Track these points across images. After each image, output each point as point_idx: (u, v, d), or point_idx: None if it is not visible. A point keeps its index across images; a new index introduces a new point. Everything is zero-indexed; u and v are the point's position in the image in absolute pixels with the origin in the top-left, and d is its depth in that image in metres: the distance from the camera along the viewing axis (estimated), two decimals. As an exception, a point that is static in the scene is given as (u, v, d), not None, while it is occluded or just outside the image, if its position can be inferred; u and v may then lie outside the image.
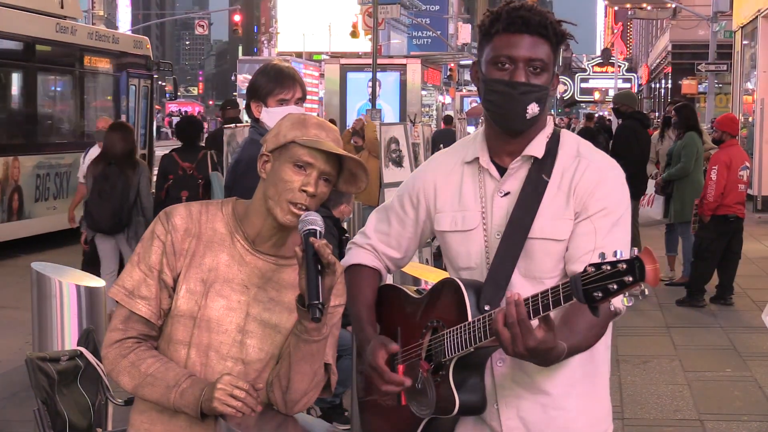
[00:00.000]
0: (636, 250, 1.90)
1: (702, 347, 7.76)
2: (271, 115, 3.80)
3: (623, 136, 10.10)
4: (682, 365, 7.15)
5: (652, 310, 9.02)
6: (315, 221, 2.28)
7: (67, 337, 4.53)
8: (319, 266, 2.23)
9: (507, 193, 2.40)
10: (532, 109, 2.33)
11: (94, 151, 8.77)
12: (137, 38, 17.49)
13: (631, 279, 1.87)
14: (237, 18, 53.72)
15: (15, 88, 13.91)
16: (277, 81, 3.85)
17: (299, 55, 44.19)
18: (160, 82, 20.57)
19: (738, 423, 5.88)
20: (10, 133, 13.47)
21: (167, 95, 21.93)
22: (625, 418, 5.93)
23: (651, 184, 10.62)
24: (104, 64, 15.74)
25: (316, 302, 2.20)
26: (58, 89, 15.11)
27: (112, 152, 8.00)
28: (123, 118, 15.30)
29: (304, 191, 2.33)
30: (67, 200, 13.15)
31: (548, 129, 2.44)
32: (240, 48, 73.31)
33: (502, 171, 2.43)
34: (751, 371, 6.99)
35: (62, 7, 14.46)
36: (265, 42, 64.66)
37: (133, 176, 7.95)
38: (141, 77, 16.71)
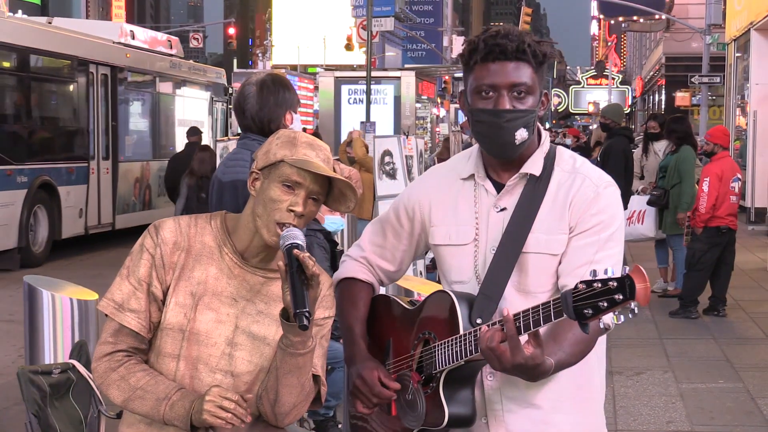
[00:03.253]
0: (627, 268, 1.91)
1: (695, 359, 7.76)
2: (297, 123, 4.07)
3: (613, 154, 10.07)
4: (675, 377, 7.16)
5: (645, 322, 9.04)
6: (297, 236, 2.30)
7: (60, 350, 4.52)
8: (304, 278, 2.24)
9: (503, 209, 2.42)
10: (521, 134, 2.34)
11: None
12: (218, 70, 22.40)
13: (621, 297, 1.88)
14: (231, 31, 53.74)
15: (147, 109, 18.36)
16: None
17: (294, 67, 44.20)
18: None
19: (731, 434, 5.90)
20: (144, 143, 17.92)
21: None
22: (619, 429, 5.94)
23: (638, 200, 10.56)
24: (198, 91, 20.42)
25: (304, 310, 2.20)
26: (170, 110, 19.30)
27: (203, 168, 10.04)
28: (210, 133, 20.00)
29: (292, 211, 2.34)
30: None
31: (545, 146, 2.45)
32: (235, 61, 73.39)
33: (497, 185, 2.44)
34: (744, 383, 6.99)
35: (171, 48, 19.34)
36: (259, 55, 64.65)
37: None
38: (220, 100, 21.43)
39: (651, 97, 49.76)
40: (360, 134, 13.43)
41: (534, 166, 2.41)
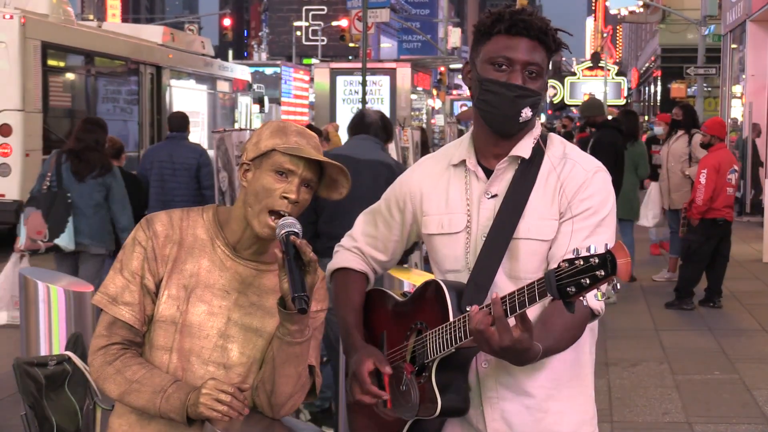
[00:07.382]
0: (607, 244, 1.91)
1: (691, 350, 7.78)
2: None
3: (601, 146, 10.03)
4: (670, 368, 7.17)
5: (641, 313, 9.06)
6: (293, 224, 2.30)
7: (55, 341, 4.51)
8: (301, 264, 2.24)
9: (494, 195, 2.41)
10: (526, 113, 2.35)
11: None
12: (243, 67, 25.00)
13: (603, 273, 1.87)
14: (227, 22, 53.68)
15: (184, 103, 19.69)
16: None
17: (289, 58, 44.18)
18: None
19: (726, 425, 5.90)
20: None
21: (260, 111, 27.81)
22: (614, 420, 5.95)
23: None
24: (225, 87, 22.79)
25: (302, 294, 2.19)
26: (204, 104, 21.52)
27: None
28: (236, 125, 22.39)
29: (286, 198, 2.33)
30: None
31: (536, 131, 2.45)
32: (230, 52, 73.36)
33: (488, 173, 2.44)
34: (740, 374, 7.01)
35: (204, 48, 21.59)
36: (255, 46, 64.58)
37: None
38: (245, 95, 23.91)
39: (647, 88, 49.76)
40: (336, 128, 13.52)
41: (523, 149, 2.41)
